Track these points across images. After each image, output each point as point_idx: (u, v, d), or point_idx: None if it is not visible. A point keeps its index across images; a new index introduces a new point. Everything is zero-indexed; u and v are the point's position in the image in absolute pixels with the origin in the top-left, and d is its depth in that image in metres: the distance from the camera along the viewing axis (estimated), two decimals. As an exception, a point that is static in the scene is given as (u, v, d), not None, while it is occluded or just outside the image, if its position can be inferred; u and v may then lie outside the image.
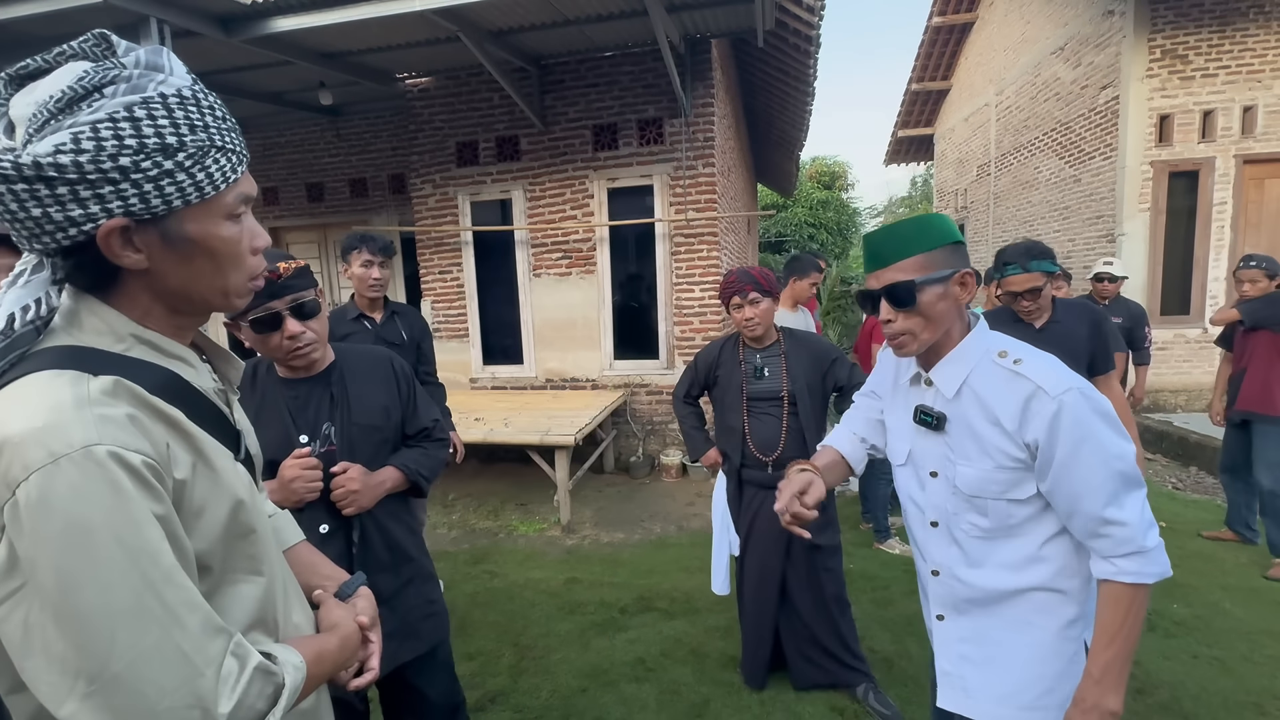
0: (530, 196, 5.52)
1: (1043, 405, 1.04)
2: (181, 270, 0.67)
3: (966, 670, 1.20)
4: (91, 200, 0.60)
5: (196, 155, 0.64)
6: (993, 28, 9.23)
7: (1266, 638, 2.69)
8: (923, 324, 1.12)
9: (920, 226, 1.11)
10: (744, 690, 2.41)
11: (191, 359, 0.74)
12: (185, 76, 0.65)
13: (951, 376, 1.15)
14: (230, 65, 4.91)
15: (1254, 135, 5.93)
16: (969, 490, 1.13)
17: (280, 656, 0.71)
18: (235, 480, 0.73)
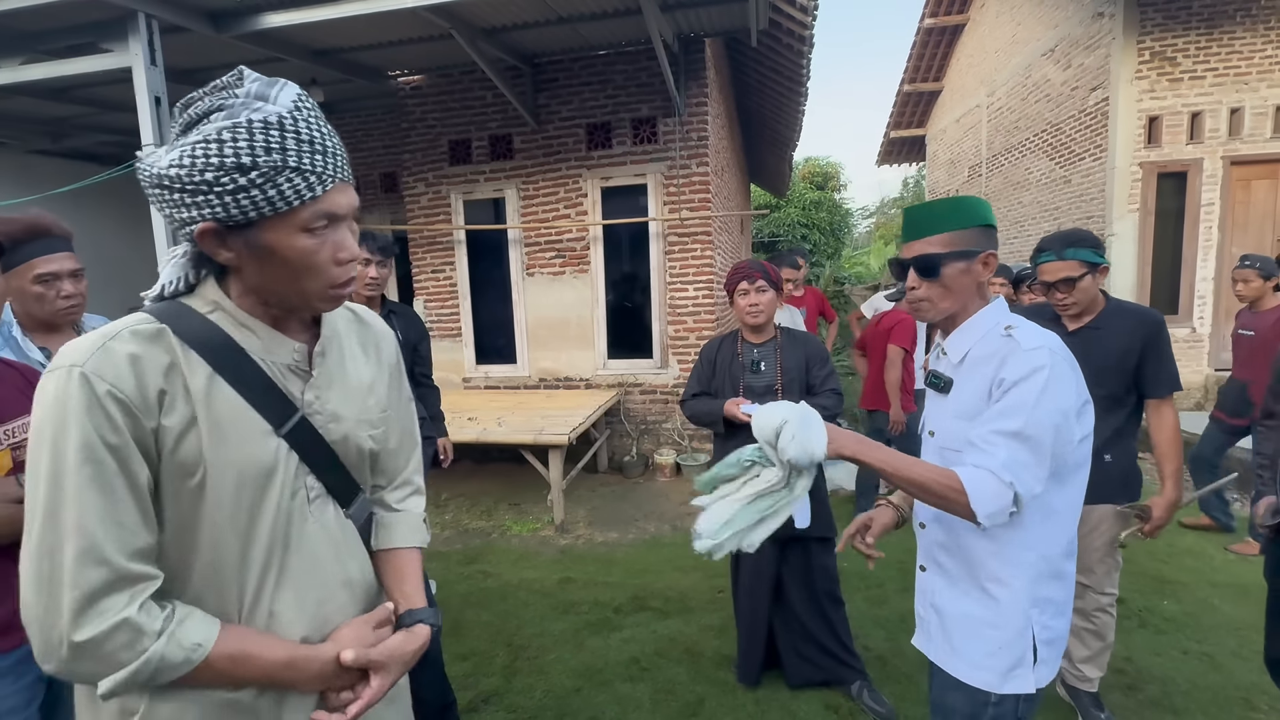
0: (524, 195, 5.50)
1: (1016, 356, 1.15)
2: (262, 272, 0.78)
3: (932, 618, 1.32)
4: (191, 206, 0.73)
5: (269, 174, 0.73)
6: (984, 29, 9.29)
7: (1255, 634, 2.70)
8: (942, 294, 1.24)
9: (955, 206, 1.22)
10: (739, 689, 2.41)
11: (260, 331, 0.82)
12: (285, 104, 0.74)
13: (959, 345, 1.26)
14: (220, 62, 4.86)
15: (1241, 137, 6.00)
16: (947, 442, 1.25)
17: (184, 628, 0.73)
18: (251, 449, 0.79)
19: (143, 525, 0.73)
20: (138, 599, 0.71)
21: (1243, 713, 2.25)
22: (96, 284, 2.06)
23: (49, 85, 4.66)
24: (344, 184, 0.80)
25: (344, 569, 0.90)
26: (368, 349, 0.98)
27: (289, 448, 0.82)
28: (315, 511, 0.87)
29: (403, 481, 1.04)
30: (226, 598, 0.80)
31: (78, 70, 3.63)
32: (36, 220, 1.64)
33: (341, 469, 0.90)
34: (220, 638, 0.76)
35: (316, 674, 0.82)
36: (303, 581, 0.85)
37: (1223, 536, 3.69)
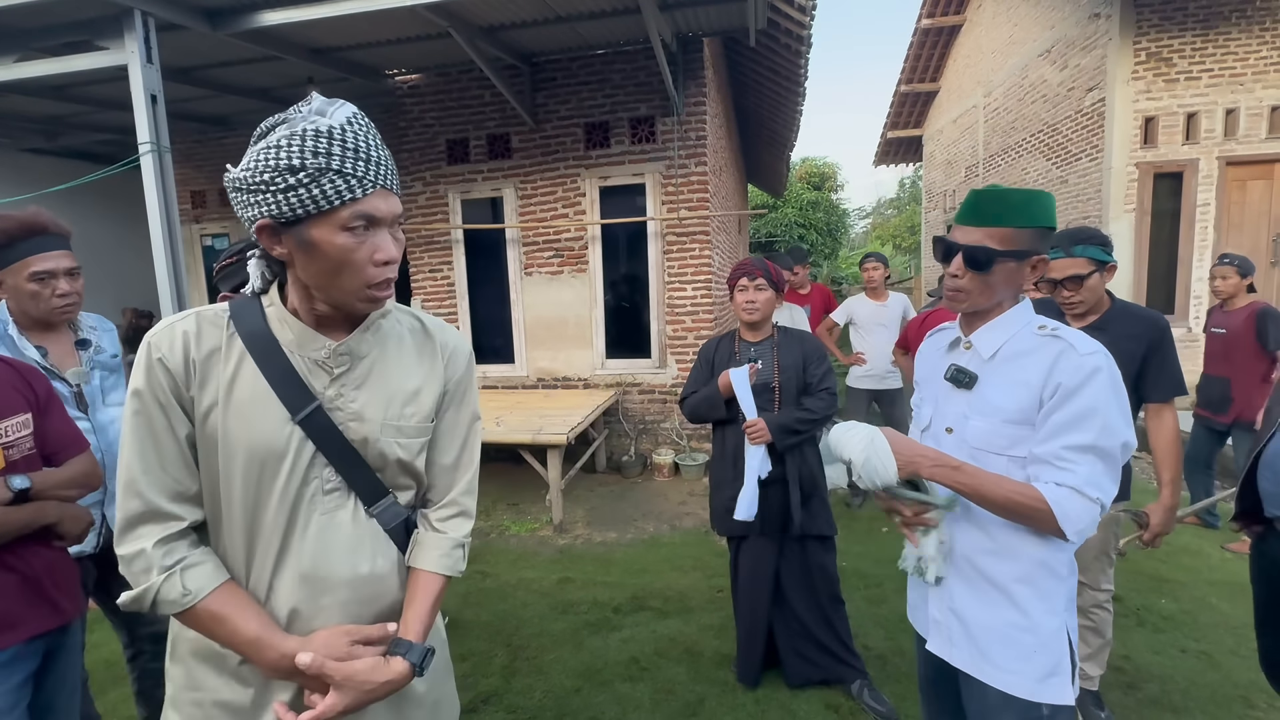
0: (522, 195, 5.49)
1: (1070, 359, 1.12)
2: (308, 266, 0.86)
3: (953, 624, 1.26)
4: (252, 205, 0.84)
5: (314, 175, 0.81)
6: (981, 30, 9.31)
7: (1252, 631, 2.71)
8: (983, 289, 1.19)
9: (1027, 202, 1.16)
10: (738, 688, 2.40)
11: (295, 329, 0.91)
12: (339, 119, 0.83)
13: (991, 340, 1.22)
14: (216, 60, 4.84)
15: (1236, 137, 6.02)
16: (976, 443, 1.20)
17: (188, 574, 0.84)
18: (264, 429, 0.87)
19: (185, 473, 0.88)
20: (163, 533, 0.85)
21: (1241, 710, 2.26)
22: (91, 283, 2.04)
23: (44, 83, 4.63)
24: (386, 191, 0.87)
25: (352, 566, 0.91)
26: (425, 359, 1.00)
27: (304, 436, 0.89)
28: (329, 504, 0.91)
29: (449, 501, 1.03)
30: (233, 562, 0.90)
31: (73, 68, 3.61)
32: (34, 218, 1.63)
33: (364, 468, 0.93)
34: (214, 594, 0.85)
35: (271, 663, 0.85)
36: (304, 568, 0.89)
37: (1220, 535, 3.70)
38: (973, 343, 1.24)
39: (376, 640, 0.90)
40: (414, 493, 1.01)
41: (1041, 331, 1.18)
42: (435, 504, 1.03)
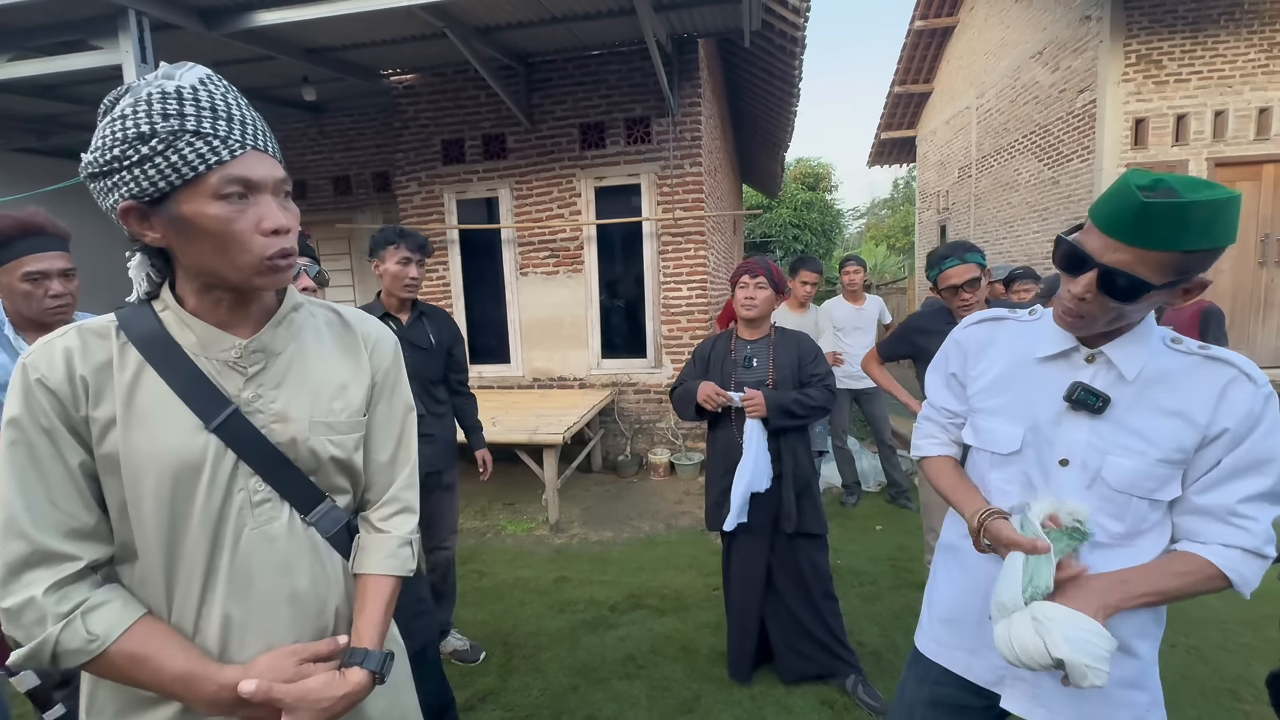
0: (517, 195, 5.50)
1: (1243, 391, 0.94)
2: (191, 247, 0.77)
3: (1044, 679, 1.06)
4: (111, 190, 0.75)
5: (168, 140, 0.72)
6: (973, 32, 9.37)
7: (1240, 626, 2.76)
8: (1114, 317, 0.96)
9: (1209, 219, 0.84)
10: (734, 685, 2.42)
11: (198, 329, 0.82)
12: (188, 80, 0.75)
13: (1134, 356, 0.99)
14: (211, 60, 4.82)
15: (1225, 139, 6.09)
16: (1119, 485, 0.99)
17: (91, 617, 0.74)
18: (173, 442, 0.78)
19: (80, 505, 0.77)
20: (55, 577, 0.74)
21: (1229, 703, 2.29)
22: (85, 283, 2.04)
23: (37, 82, 4.61)
24: (260, 153, 0.78)
25: (291, 582, 0.84)
26: (347, 352, 0.94)
27: (221, 444, 0.80)
28: (260, 516, 0.82)
29: (390, 499, 0.96)
30: (153, 596, 0.80)
31: (67, 68, 3.60)
32: (30, 218, 1.63)
33: (295, 473, 0.85)
34: (127, 634, 0.75)
35: (209, 698, 0.76)
36: (239, 591, 0.81)
37: None
38: (1112, 358, 1.00)
39: (326, 656, 0.84)
40: (352, 495, 0.94)
41: (1180, 347, 0.99)
42: (375, 503, 0.96)
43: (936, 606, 1.25)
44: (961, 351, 1.21)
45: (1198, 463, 0.98)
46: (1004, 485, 1.11)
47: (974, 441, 1.17)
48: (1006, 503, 1.09)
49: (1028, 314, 1.16)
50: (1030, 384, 1.08)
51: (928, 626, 1.26)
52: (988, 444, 1.13)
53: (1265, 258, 6.22)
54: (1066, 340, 1.05)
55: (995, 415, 1.12)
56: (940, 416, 1.28)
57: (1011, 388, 1.11)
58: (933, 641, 1.24)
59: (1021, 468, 1.08)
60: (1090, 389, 1.00)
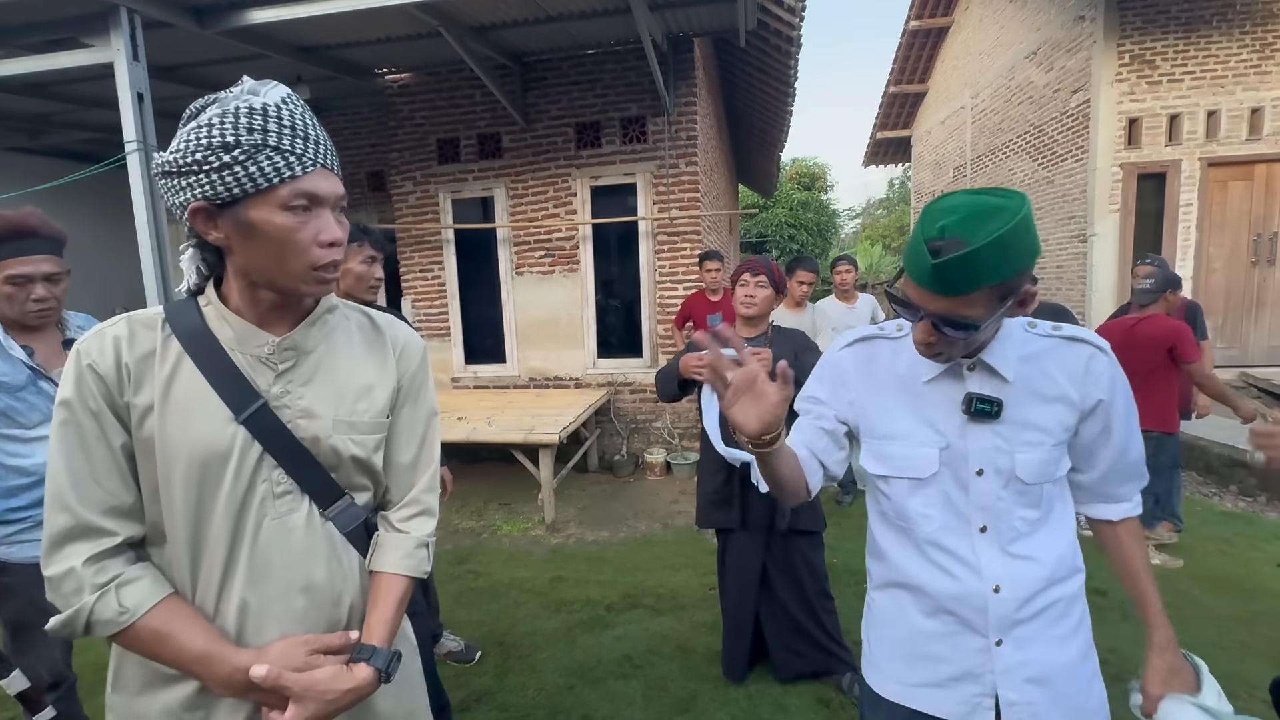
0: (513, 194, 5.48)
1: (1100, 364, 1.04)
2: (250, 250, 0.82)
3: (1034, 694, 1.04)
4: (186, 188, 0.80)
5: (250, 152, 0.78)
6: (968, 32, 9.40)
7: (1234, 624, 2.77)
8: (967, 344, 0.98)
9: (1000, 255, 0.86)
10: (730, 684, 2.42)
11: (235, 325, 0.87)
12: (272, 98, 0.81)
13: (1007, 356, 1.03)
14: (203, 58, 4.80)
15: (1218, 139, 6.12)
16: (1031, 478, 1.03)
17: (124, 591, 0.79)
18: (205, 431, 0.83)
19: (120, 485, 0.82)
20: (94, 550, 0.79)
21: None
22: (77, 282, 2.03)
23: (27, 80, 4.57)
24: (327, 171, 0.84)
25: (307, 573, 0.86)
26: (375, 354, 0.97)
27: (249, 435, 0.84)
28: (280, 508, 0.86)
29: (410, 500, 0.99)
30: (179, 577, 0.84)
31: (58, 65, 3.57)
32: (22, 220, 1.61)
33: (317, 468, 0.88)
34: (154, 611, 0.79)
35: (223, 679, 0.79)
36: (257, 578, 0.84)
37: (1216, 543, 3.71)
38: (991, 363, 1.04)
39: (337, 649, 0.86)
40: (372, 494, 0.97)
41: (1038, 331, 1.06)
42: (395, 504, 0.99)
43: (894, 645, 1.15)
44: (837, 375, 1.17)
45: (1085, 433, 1.07)
46: (925, 509, 1.08)
47: (884, 470, 1.11)
48: (929, 527, 1.07)
49: (896, 330, 1.14)
50: (925, 403, 1.08)
51: (884, 666, 1.16)
52: (903, 470, 1.09)
53: (1257, 257, 6.26)
54: (897, 349, 1.11)
55: (903, 440, 1.09)
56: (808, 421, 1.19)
57: (910, 409, 1.09)
58: (894, 683, 1.14)
59: (940, 487, 1.07)
60: (983, 397, 1.03)
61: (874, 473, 1.14)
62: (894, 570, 1.13)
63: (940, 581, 1.07)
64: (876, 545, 1.18)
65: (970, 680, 1.06)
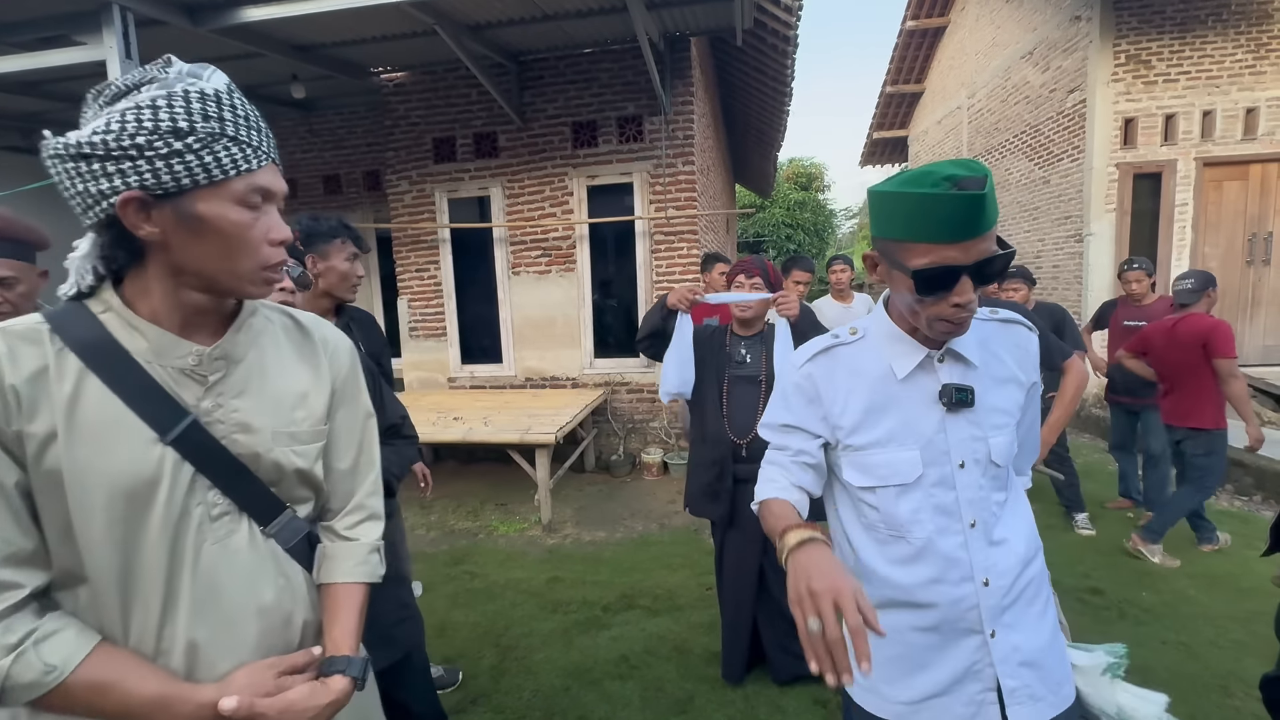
0: (509, 194, 5.47)
1: (1033, 344, 1.09)
2: (191, 246, 0.74)
3: (1028, 677, 1.05)
4: (115, 175, 0.70)
5: (206, 141, 0.72)
6: (964, 32, 9.42)
7: (1230, 622, 2.77)
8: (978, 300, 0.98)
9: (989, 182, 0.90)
10: (728, 686, 2.41)
11: (150, 334, 0.77)
12: (220, 83, 0.75)
13: (969, 341, 1.05)
14: (198, 56, 4.72)
15: (1213, 139, 6.14)
16: (1002, 460, 1.04)
17: (44, 647, 0.69)
18: (126, 457, 0.74)
19: (15, 528, 0.71)
20: (12, 598, 0.69)
21: (1219, 699, 2.30)
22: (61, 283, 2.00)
23: (20, 79, 4.54)
24: (275, 166, 0.80)
25: (256, 597, 0.81)
26: (306, 359, 0.91)
27: (178, 457, 0.76)
28: (219, 530, 0.79)
29: (355, 506, 0.95)
30: (106, 621, 0.75)
31: (50, 63, 3.54)
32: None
33: (257, 484, 0.83)
34: (87, 662, 0.70)
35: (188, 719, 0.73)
36: (204, 610, 0.78)
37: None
38: (957, 350, 1.04)
39: (303, 667, 0.82)
40: (313, 504, 0.91)
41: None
42: (339, 512, 0.95)
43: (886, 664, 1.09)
44: (804, 394, 1.12)
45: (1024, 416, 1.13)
46: (915, 514, 1.04)
47: (868, 481, 1.07)
48: (922, 532, 1.04)
49: (851, 335, 1.11)
50: (902, 404, 1.05)
51: (881, 688, 1.11)
52: (889, 478, 1.05)
53: (1252, 256, 6.28)
54: (917, 350, 1.04)
55: (884, 446, 1.05)
56: (785, 457, 1.13)
57: (887, 414, 1.06)
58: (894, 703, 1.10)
59: (926, 489, 1.04)
60: (958, 386, 1.03)
61: (857, 485, 1.09)
62: (883, 586, 1.08)
63: (936, 588, 1.04)
64: (861, 564, 1.11)
65: (972, 678, 1.05)
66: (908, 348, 1.05)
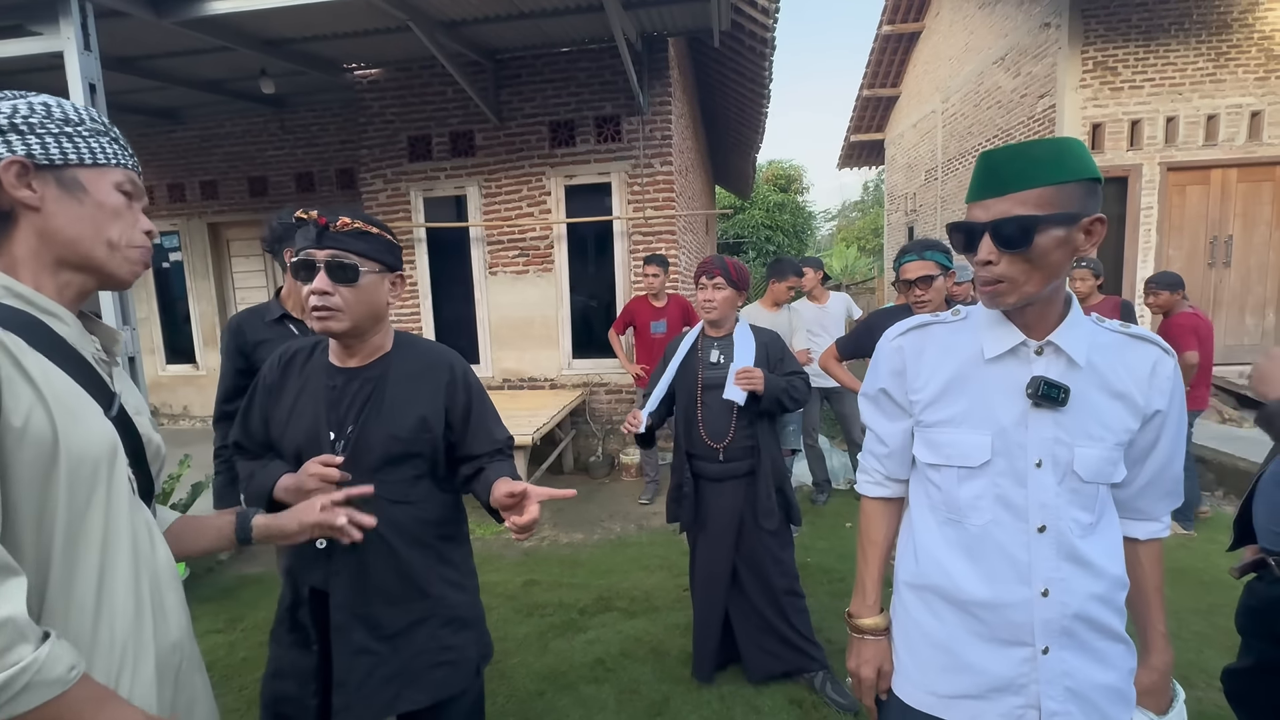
0: (486, 193, 5.41)
1: (1166, 369, 1.00)
2: (70, 211, 0.79)
3: (1074, 707, 1.00)
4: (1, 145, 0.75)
5: (94, 131, 0.82)
6: (939, 37, 9.57)
7: (1193, 615, 2.84)
8: (1029, 272, 0.94)
9: (1055, 152, 0.91)
10: (704, 686, 2.40)
11: (66, 318, 0.80)
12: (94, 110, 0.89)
13: (1079, 340, 0.99)
14: (162, 50, 4.64)
15: (1176, 144, 6.31)
16: (1088, 476, 0.99)
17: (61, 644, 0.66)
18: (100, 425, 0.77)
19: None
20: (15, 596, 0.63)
21: (1198, 693, 2.35)
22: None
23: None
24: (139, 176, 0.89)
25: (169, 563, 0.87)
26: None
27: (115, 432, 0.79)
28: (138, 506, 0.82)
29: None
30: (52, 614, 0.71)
31: (3, 54, 3.41)
32: None
33: (145, 464, 0.88)
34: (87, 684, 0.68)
35: None
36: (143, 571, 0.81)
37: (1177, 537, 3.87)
38: (1060, 346, 0.99)
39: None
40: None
41: (1106, 325, 1.03)
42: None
43: (926, 652, 1.10)
44: (892, 365, 1.14)
45: (1139, 441, 1.03)
46: (975, 501, 1.03)
47: (934, 459, 1.07)
48: (980, 520, 1.03)
49: (952, 315, 1.11)
50: (984, 387, 1.03)
51: (915, 675, 1.10)
52: (953, 459, 1.04)
53: (1214, 259, 6.47)
54: (1013, 335, 1.01)
55: (955, 426, 1.05)
56: (877, 448, 1.19)
57: (965, 394, 1.04)
58: (926, 693, 1.09)
59: (993, 478, 1.02)
60: (1051, 382, 0.97)
61: (925, 461, 1.10)
62: (934, 569, 1.07)
63: (985, 583, 1.02)
64: (916, 540, 1.12)
65: (1013, 691, 1.01)
66: (1004, 331, 1.02)
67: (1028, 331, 1.01)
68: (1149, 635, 1.10)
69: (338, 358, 1.29)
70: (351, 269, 1.20)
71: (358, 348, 1.28)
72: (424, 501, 1.30)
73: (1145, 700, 1.08)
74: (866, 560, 1.22)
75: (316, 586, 1.26)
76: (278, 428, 1.29)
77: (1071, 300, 1.03)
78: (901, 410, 1.14)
